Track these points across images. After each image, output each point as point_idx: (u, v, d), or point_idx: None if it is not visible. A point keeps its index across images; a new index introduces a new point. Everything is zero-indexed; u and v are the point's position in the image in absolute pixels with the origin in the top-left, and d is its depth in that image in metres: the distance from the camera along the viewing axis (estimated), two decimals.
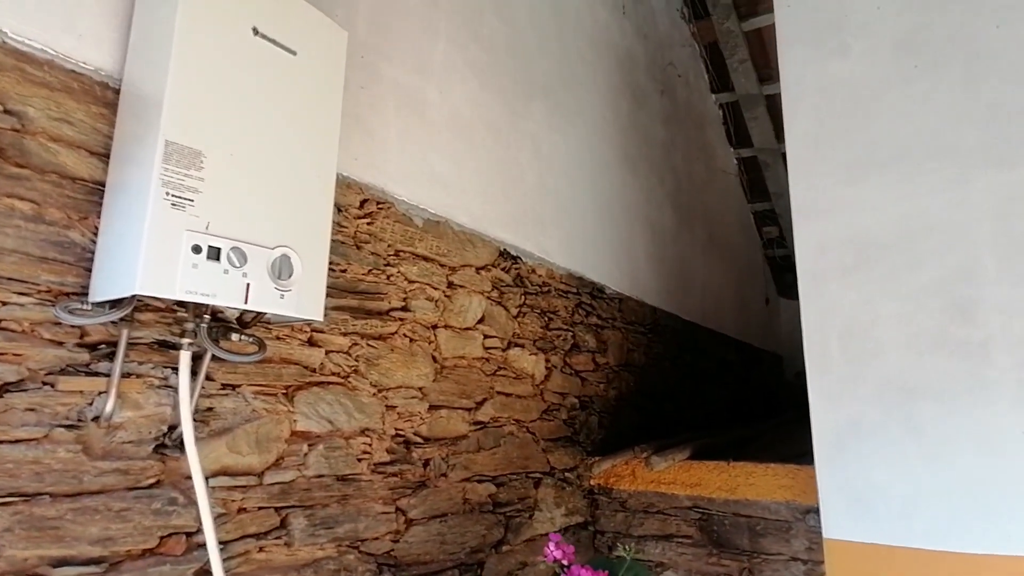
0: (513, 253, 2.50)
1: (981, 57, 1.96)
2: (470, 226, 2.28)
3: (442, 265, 2.16)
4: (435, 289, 2.12)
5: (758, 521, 2.43)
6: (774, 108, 4.59)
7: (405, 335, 2.00)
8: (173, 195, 1.17)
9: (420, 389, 2.03)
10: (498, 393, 2.34)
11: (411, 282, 2.04)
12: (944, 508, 1.87)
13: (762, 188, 5.01)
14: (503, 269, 2.44)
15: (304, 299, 1.40)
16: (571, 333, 2.80)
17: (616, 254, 3.21)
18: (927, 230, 2.03)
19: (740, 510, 2.47)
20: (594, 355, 2.95)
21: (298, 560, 1.64)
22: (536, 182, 2.66)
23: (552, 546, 1.58)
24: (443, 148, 2.19)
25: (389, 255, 1.97)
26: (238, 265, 1.25)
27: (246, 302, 1.27)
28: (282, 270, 1.34)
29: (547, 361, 2.63)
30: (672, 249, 3.80)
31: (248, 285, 1.27)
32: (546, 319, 2.65)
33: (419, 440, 2.00)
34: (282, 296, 1.34)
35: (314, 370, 1.72)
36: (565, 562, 1.56)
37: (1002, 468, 1.81)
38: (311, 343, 1.72)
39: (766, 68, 4.43)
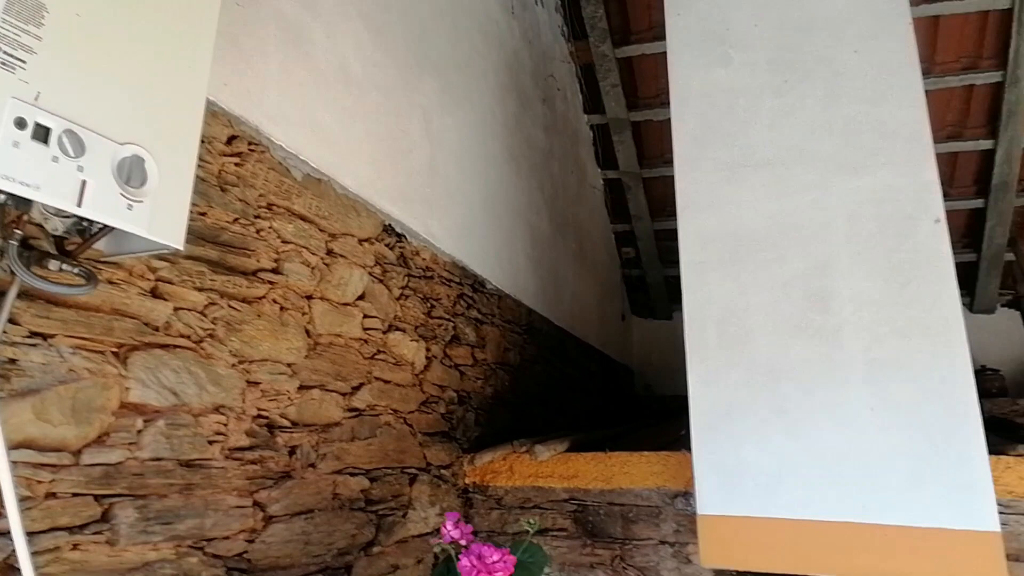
0: (398, 230, 2.34)
1: (840, 77, 2.21)
2: (355, 191, 2.09)
3: (321, 229, 1.95)
4: (313, 254, 1.90)
5: (631, 508, 2.44)
6: (639, 134, 4.90)
7: (275, 301, 1.75)
8: (4, 51, 0.90)
9: (290, 365, 1.78)
10: (376, 379, 2.14)
11: (285, 242, 1.81)
12: (804, 480, 2.00)
13: (624, 209, 5.29)
14: (387, 245, 2.27)
15: (160, 218, 1.13)
16: (452, 324, 2.67)
17: (498, 250, 3.16)
18: (792, 228, 2.22)
19: (615, 499, 2.47)
20: (473, 350, 2.84)
21: (123, 562, 1.32)
22: (427, 161, 2.53)
23: (449, 525, 1.43)
24: (330, 100, 2.00)
25: (261, 207, 1.73)
26: (72, 155, 0.98)
27: (80, 204, 0.99)
28: (132, 174, 1.07)
29: (428, 350, 2.47)
30: (548, 255, 3.84)
31: (84, 183, 1.00)
32: (429, 305, 2.50)
33: (286, 424, 1.75)
34: (130, 207, 1.07)
35: (157, 328, 1.42)
36: (463, 542, 1.41)
37: (854, 442, 1.98)
38: (155, 294, 1.42)
39: (635, 96, 4.72)
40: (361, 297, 2.10)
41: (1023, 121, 4.18)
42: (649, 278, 5.68)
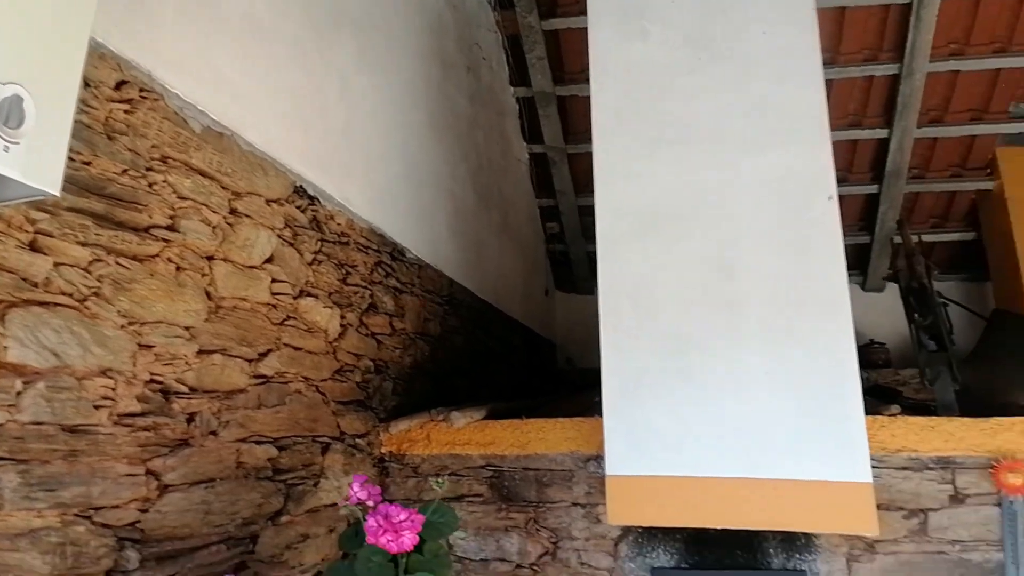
0: (311, 192, 2.26)
1: (749, 58, 2.30)
2: (262, 148, 1.99)
3: (224, 187, 1.85)
4: (214, 213, 1.81)
5: (545, 473, 2.51)
6: (565, 109, 4.93)
7: (171, 260, 1.66)
8: None
9: (188, 329, 1.70)
10: (286, 345, 2.08)
11: (182, 198, 1.71)
12: (705, 441, 2.11)
13: (549, 184, 5.34)
14: (299, 208, 2.19)
15: (36, 161, 1.04)
16: (369, 292, 2.62)
17: (419, 219, 3.11)
18: (702, 203, 2.30)
19: (530, 464, 2.53)
20: (392, 319, 2.81)
21: (9, 527, 1.24)
22: (342, 123, 2.45)
23: (356, 487, 1.42)
24: (234, 48, 1.89)
25: (154, 159, 1.62)
26: None
27: None
28: (10, 114, 0.98)
29: (343, 318, 2.42)
30: (471, 226, 3.82)
31: None
32: (344, 272, 2.44)
33: (183, 389, 1.67)
34: (6, 148, 0.98)
35: (36, 284, 1.32)
36: (371, 503, 1.40)
37: (750, 404, 2.10)
38: (34, 247, 1.32)
39: (561, 70, 4.74)
40: (269, 260, 2.02)
41: (915, 112, 4.51)
42: (572, 253, 5.77)
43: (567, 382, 5.07)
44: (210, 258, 1.79)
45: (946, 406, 2.54)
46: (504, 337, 4.38)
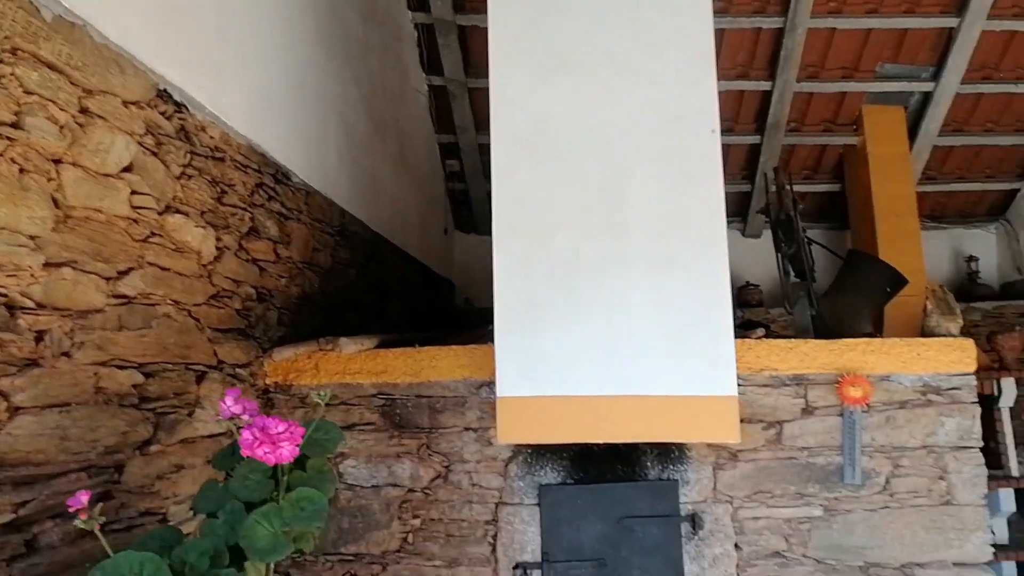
0: (177, 99, 2.05)
1: None
2: (118, 42, 1.77)
3: (74, 83, 1.64)
4: (62, 111, 1.60)
5: (438, 400, 2.52)
6: (465, 40, 4.77)
7: (13, 161, 1.46)
8: None
9: (33, 238, 1.51)
10: (150, 264, 1.91)
11: (28, 93, 1.50)
12: (590, 362, 2.20)
13: (449, 120, 5.20)
14: (163, 114, 1.98)
15: None
16: (250, 215, 2.45)
17: (306, 142, 2.92)
18: (594, 131, 2.32)
19: (422, 392, 2.53)
20: (276, 245, 2.65)
21: None
22: (212, 21, 2.22)
23: (229, 401, 1.34)
24: None
25: (4, 50, 1.43)
26: None
27: None
28: None
29: (219, 240, 2.25)
30: (365, 155, 3.65)
31: None
32: (219, 190, 2.26)
33: (29, 304, 1.50)
34: None
35: None
36: (246, 417, 1.34)
37: (632, 326, 2.20)
38: None
39: None
40: (128, 169, 1.83)
41: (796, 66, 4.77)
42: (473, 192, 5.72)
43: (465, 321, 5.09)
44: (57, 161, 1.59)
45: (803, 329, 2.80)
46: (400, 273, 4.30)
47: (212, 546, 1.32)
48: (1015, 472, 3.96)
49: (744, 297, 5.42)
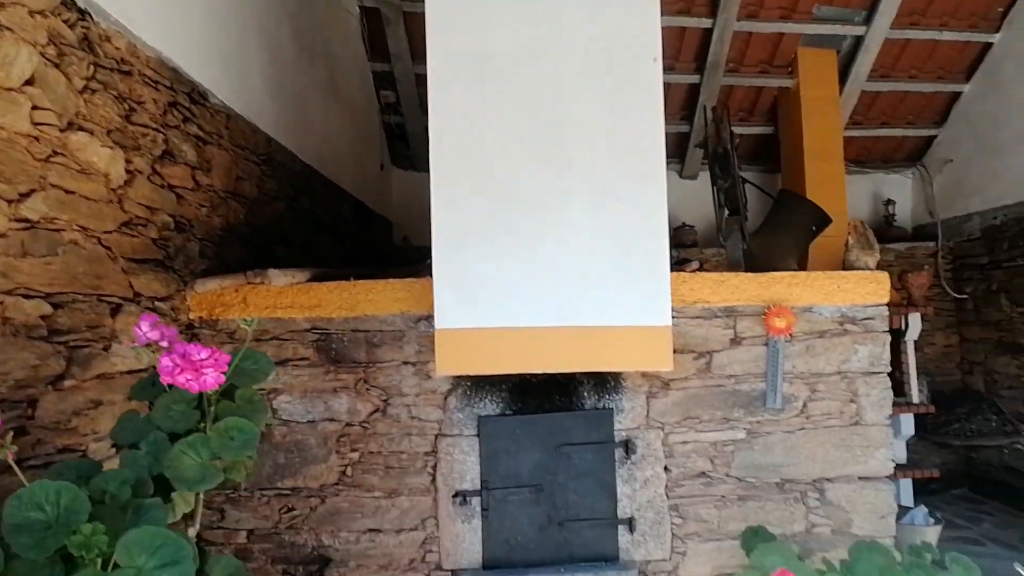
0: (81, 4, 1.83)
1: None
2: None
3: None
4: None
5: (375, 334, 2.47)
6: None
7: None
8: None
9: None
10: (53, 186, 1.74)
11: None
12: (530, 293, 2.19)
13: (383, 47, 4.92)
14: (66, 22, 1.77)
15: None
16: (163, 136, 2.26)
17: (224, 59, 2.70)
18: (534, 57, 2.24)
19: (359, 326, 2.47)
20: (194, 171, 2.47)
21: None
22: None
23: (145, 327, 1.25)
24: None
25: None
26: None
27: None
28: None
29: (129, 163, 2.07)
30: (292, 80, 3.42)
31: None
32: (127, 108, 2.06)
33: None
34: None
35: None
36: (165, 343, 1.26)
37: (572, 258, 2.20)
38: None
39: None
40: (30, 82, 1.64)
41: (737, 3, 4.75)
42: (410, 127, 5.50)
43: (403, 260, 4.99)
44: None
45: (735, 263, 2.88)
46: (334, 209, 4.13)
47: (134, 476, 1.26)
48: (916, 399, 4.32)
49: (680, 238, 5.54)
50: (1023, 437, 4.87)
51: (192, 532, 1.40)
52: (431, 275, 2.24)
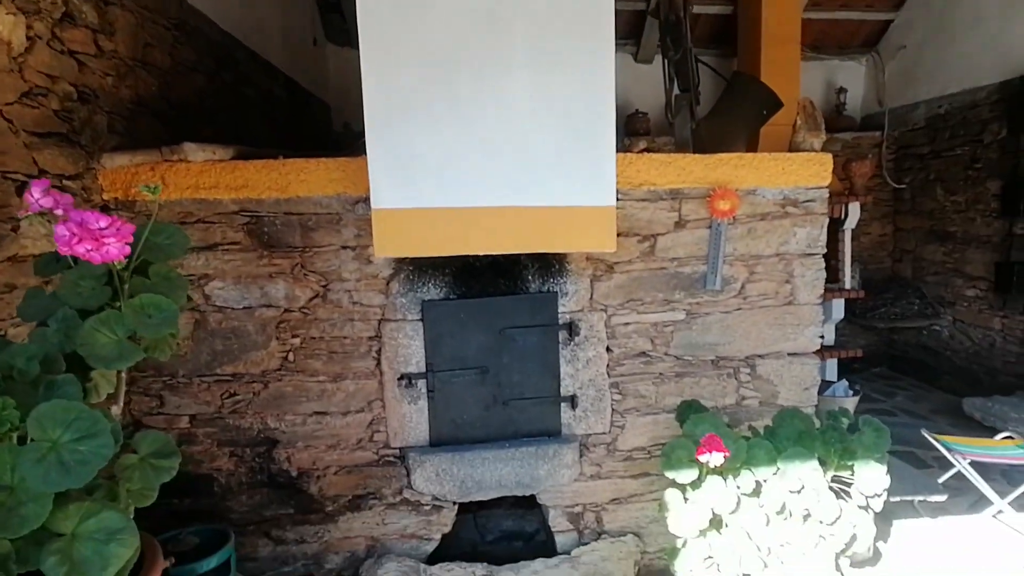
0: None
1: None
2: None
3: None
4: None
5: (310, 217, 2.36)
6: None
7: None
8: None
9: None
10: None
11: None
12: (470, 171, 2.10)
13: None
14: None
15: None
16: None
17: None
18: None
19: (292, 209, 2.35)
20: (96, 35, 2.19)
21: None
22: None
23: (36, 193, 1.13)
24: None
25: None
26: None
27: None
28: None
29: (29, 27, 1.82)
30: None
31: None
32: None
33: None
34: None
35: None
36: (60, 211, 1.14)
37: (515, 132, 2.10)
38: None
39: None
40: None
41: None
42: None
43: (344, 147, 4.73)
44: None
45: (682, 143, 2.83)
46: (263, 87, 3.82)
47: (42, 351, 1.18)
48: (848, 285, 4.52)
49: (632, 125, 5.41)
50: (941, 319, 5.22)
51: (116, 410, 1.35)
52: (365, 152, 2.11)
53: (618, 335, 2.58)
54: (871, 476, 2.02)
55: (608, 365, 2.59)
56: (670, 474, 2.07)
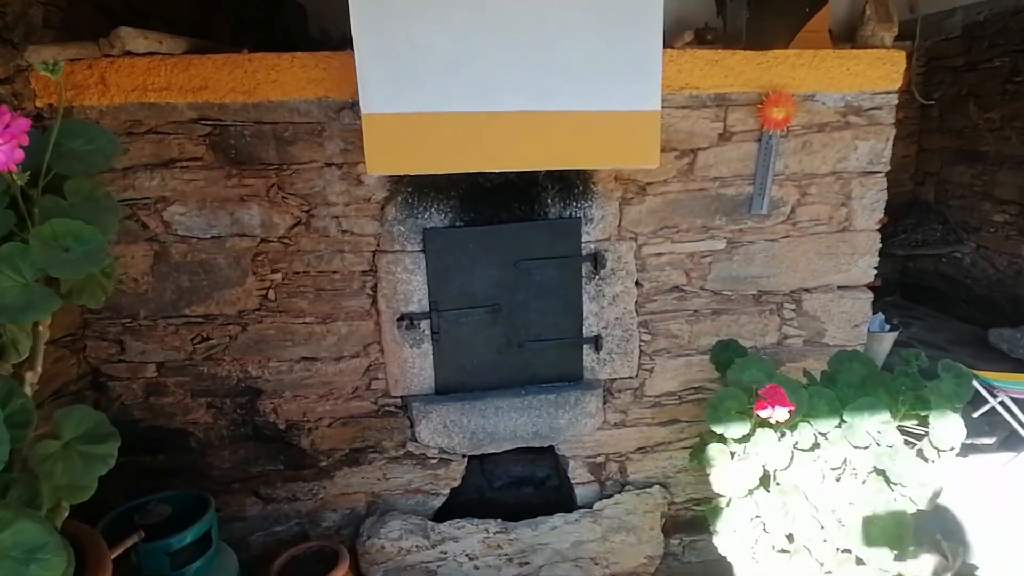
0: None
1: None
2: None
3: None
4: None
5: (285, 127, 1.95)
6: None
7: None
8: None
9: None
10: None
11: None
12: (487, 66, 1.69)
13: None
14: None
15: None
16: None
17: None
18: None
19: (263, 116, 1.93)
20: None
21: None
22: None
23: None
24: None
25: None
26: None
27: None
28: None
29: None
30: None
31: None
32: None
33: None
34: None
35: None
36: None
37: (543, 25, 1.68)
38: None
39: None
40: None
41: None
42: None
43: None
44: None
45: (735, 33, 2.42)
46: None
47: None
48: None
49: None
50: (964, 246, 4.95)
51: (31, 378, 1.01)
52: (352, 47, 1.68)
53: (649, 267, 2.25)
54: (948, 428, 1.76)
55: (637, 302, 2.27)
56: (718, 428, 1.80)
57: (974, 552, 2.27)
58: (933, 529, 1.97)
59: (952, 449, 1.79)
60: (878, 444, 1.76)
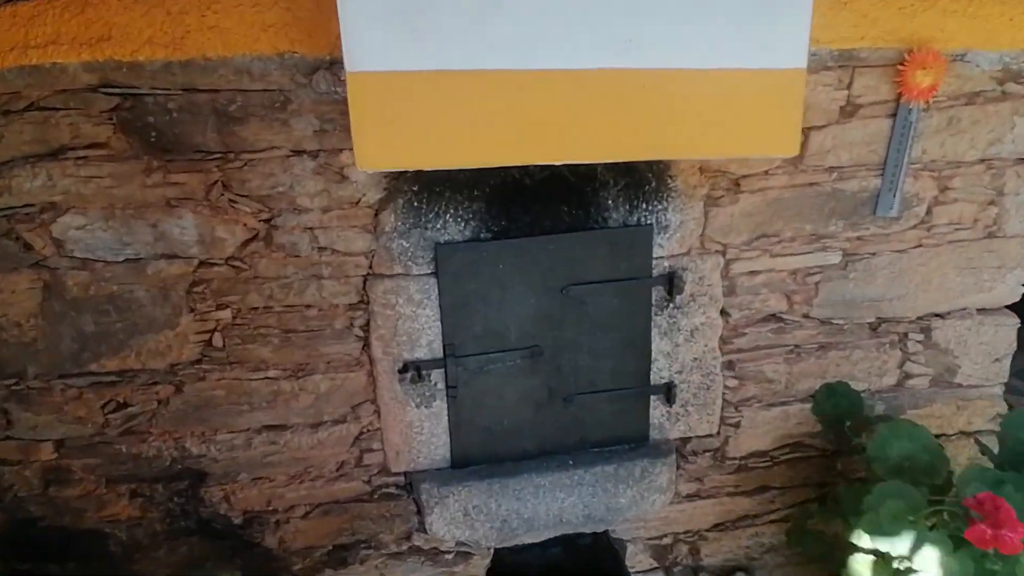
0: None
1: None
2: None
3: None
4: None
5: (232, 97, 1.31)
6: None
7: None
8: None
9: None
10: None
11: None
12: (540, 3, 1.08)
13: None
14: None
15: None
16: None
17: None
18: None
19: (196, 81, 1.29)
20: None
21: None
22: None
23: None
24: None
25: None
26: None
27: None
28: None
29: None
30: None
31: None
32: None
33: None
34: None
35: None
36: None
37: None
38: None
39: None
40: None
41: None
42: None
43: None
44: None
45: None
46: None
47: None
48: None
49: None
50: None
51: None
52: None
53: (739, 291, 1.67)
54: None
55: (722, 337, 1.69)
56: (882, 544, 1.22)
57: None
58: None
59: None
60: None
